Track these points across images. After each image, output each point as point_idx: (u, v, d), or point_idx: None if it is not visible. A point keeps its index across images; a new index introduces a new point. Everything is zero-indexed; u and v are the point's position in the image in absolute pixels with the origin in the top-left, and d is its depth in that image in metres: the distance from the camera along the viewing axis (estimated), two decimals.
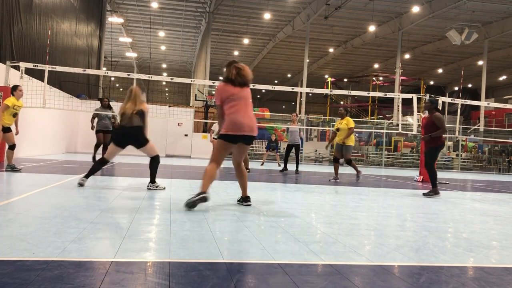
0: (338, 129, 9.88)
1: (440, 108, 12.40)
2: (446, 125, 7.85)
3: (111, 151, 5.96)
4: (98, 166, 5.98)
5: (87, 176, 5.90)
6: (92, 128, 11.35)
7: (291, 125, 12.43)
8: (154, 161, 6.12)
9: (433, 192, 7.21)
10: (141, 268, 2.34)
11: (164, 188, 6.12)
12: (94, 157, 11.17)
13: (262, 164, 17.03)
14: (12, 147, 7.73)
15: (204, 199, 4.44)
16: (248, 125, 4.58)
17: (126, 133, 5.92)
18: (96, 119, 11.35)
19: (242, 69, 4.68)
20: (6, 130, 7.65)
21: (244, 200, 4.92)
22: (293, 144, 12.08)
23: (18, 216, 3.54)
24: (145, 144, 5.99)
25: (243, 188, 4.92)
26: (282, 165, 12.95)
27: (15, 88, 7.88)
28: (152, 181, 6.08)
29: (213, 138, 13.42)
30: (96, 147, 11.24)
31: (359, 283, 2.29)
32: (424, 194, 7.30)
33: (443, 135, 7.27)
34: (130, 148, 6.17)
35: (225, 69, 4.81)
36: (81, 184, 5.79)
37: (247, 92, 4.71)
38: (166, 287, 2.04)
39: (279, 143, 25.13)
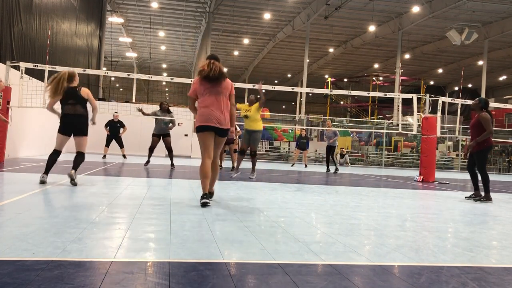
0: (246, 116, 8.73)
1: (440, 108, 12.47)
2: (447, 125, 7.75)
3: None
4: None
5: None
6: (142, 113, 11.21)
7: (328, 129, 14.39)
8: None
9: (486, 198, 6.77)
10: (141, 268, 2.34)
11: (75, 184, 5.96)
12: (148, 161, 11.10)
13: (292, 165, 16.71)
14: None
15: (204, 200, 4.65)
16: (216, 117, 4.77)
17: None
18: (155, 122, 11.24)
19: (214, 64, 4.82)
20: None
21: (206, 195, 4.76)
22: (331, 146, 13.91)
23: (18, 216, 3.54)
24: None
25: (210, 183, 4.96)
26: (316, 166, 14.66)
27: None
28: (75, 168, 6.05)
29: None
30: (151, 150, 11.05)
31: (359, 283, 2.29)
32: (475, 200, 6.86)
33: (491, 136, 6.86)
34: (130, 148, 6.22)
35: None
36: None
37: (220, 87, 4.86)
38: (166, 287, 2.04)
39: (279, 143, 25.14)
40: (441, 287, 2.29)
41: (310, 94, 46.76)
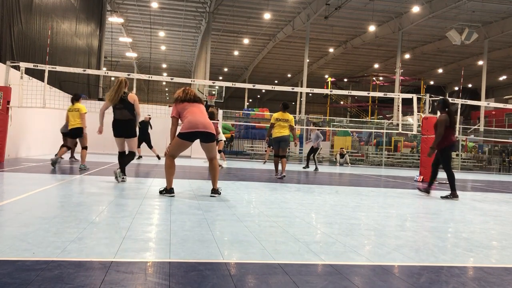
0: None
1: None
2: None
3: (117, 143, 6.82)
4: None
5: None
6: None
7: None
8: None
9: (452, 195, 6.90)
10: (141, 268, 2.34)
11: (122, 180, 6.65)
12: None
13: (264, 163, 17.02)
14: None
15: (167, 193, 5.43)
16: (201, 123, 5.39)
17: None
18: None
19: (189, 89, 5.68)
20: None
21: (214, 191, 5.61)
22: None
23: (18, 216, 3.54)
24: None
25: (213, 181, 5.69)
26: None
27: None
28: (123, 171, 6.71)
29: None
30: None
31: (359, 283, 2.29)
32: (442, 197, 7.01)
33: (454, 136, 7.03)
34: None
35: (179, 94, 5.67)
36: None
37: (198, 105, 5.62)
38: (166, 287, 2.04)
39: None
40: (441, 287, 2.29)
41: (310, 94, 46.80)
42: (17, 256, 2.41)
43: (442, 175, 8.39)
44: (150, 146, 14.76)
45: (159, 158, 14.52)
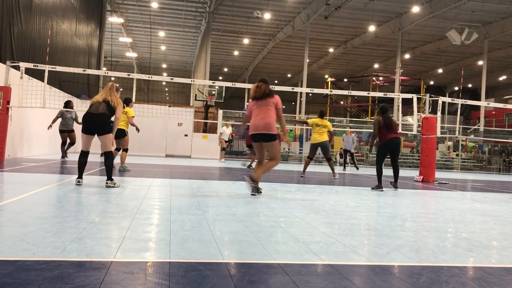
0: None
1: (440, 108, 12.49)
2: (447, 125, 8.12)
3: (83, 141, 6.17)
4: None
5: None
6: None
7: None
8: (107, 158, 6.17)
9: (377, 187, 7.88)
10: (141, 268, 2.34)
11: (119, 185, 6.08)
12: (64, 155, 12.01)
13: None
14: None
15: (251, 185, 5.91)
16: (260, 125, 5.86)
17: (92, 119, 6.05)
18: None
19: (260, 86, 6.07)
20: None
21: (254, 182, 5.91)
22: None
23: (18, 216, 3.54)
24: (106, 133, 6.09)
25: (256, 173, 5.97)
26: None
27: None
28: (109, 178, 6.05)
29: (221, 139, 16.33)
30: (64, 145, 12.07)
31: (359, 283, 2.29)
32: (372, 188, 8.00)
33: (389, 135, 7.94)
34: (131, 148, 6.25)
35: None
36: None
37: (265, 101, 5.98)
38: (166, 287, 2.04)
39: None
40: (441, 287, 2.29)
41: (310, 94, 46.75)
42: (17, 256, 2.41)
43: (441, 175, 8.40)
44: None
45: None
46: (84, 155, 6.08)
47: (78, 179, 6.00)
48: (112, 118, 6.23)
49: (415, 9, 26.22)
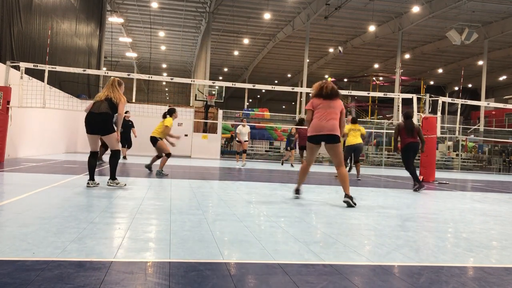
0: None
1: (440, 108, 12.50)
2: (447, 125, 8.25)
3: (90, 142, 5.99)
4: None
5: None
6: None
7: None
8: (112, 156, 6.02)
9: (418, 187, 8.08)
10: (141, 268, 2.34)
11: (125, 185, 6.01)
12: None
13: (282, 164, 16.80)
14: None
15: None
16: (325, 126, 5.49)
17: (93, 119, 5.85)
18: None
19: (326, 85, 5.70)
20: None
21: (347, 197, 5.31)
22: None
23: (18, 216, 3.54)
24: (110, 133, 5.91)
25: (344, 187, 5.43)
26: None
27: None
28: (112, 177, 5.96)
29: (236, 140, 15.23)
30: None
31: (359, 283, 2.29)
32: (414, 190, 8.10)
33: (407, 139, 8.30)
34: (131, 148, 6.21)
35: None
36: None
37: (332, 103, 5.62)
38: (166, 287, 2.04)
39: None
40: (441, 287, 2.29)
41: (310, 94, 46.69)
42: (17, 256, 2.41)
43: (441, 175, 8.42)
44: (129, 146, 14.04)
45: (125, 158, 13.76)
46: (93, 156, 5.98)
47: (89, 180, 5.88)
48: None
49: (415, 9, 26.22)
